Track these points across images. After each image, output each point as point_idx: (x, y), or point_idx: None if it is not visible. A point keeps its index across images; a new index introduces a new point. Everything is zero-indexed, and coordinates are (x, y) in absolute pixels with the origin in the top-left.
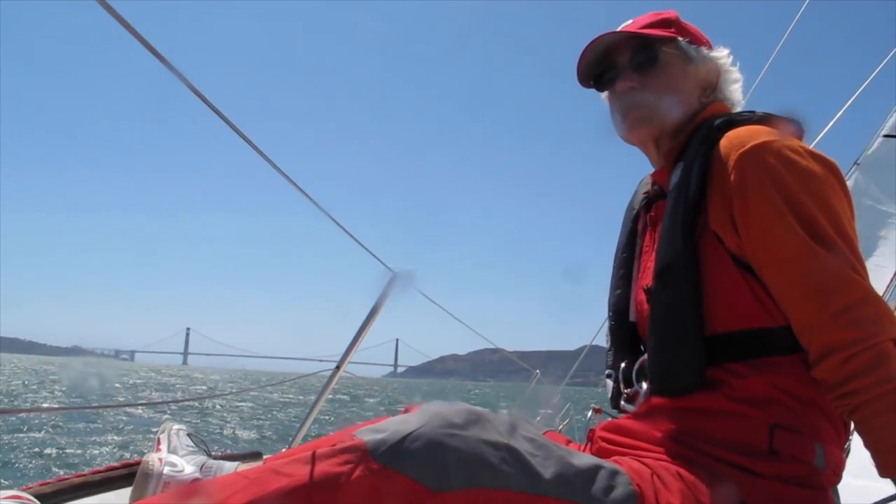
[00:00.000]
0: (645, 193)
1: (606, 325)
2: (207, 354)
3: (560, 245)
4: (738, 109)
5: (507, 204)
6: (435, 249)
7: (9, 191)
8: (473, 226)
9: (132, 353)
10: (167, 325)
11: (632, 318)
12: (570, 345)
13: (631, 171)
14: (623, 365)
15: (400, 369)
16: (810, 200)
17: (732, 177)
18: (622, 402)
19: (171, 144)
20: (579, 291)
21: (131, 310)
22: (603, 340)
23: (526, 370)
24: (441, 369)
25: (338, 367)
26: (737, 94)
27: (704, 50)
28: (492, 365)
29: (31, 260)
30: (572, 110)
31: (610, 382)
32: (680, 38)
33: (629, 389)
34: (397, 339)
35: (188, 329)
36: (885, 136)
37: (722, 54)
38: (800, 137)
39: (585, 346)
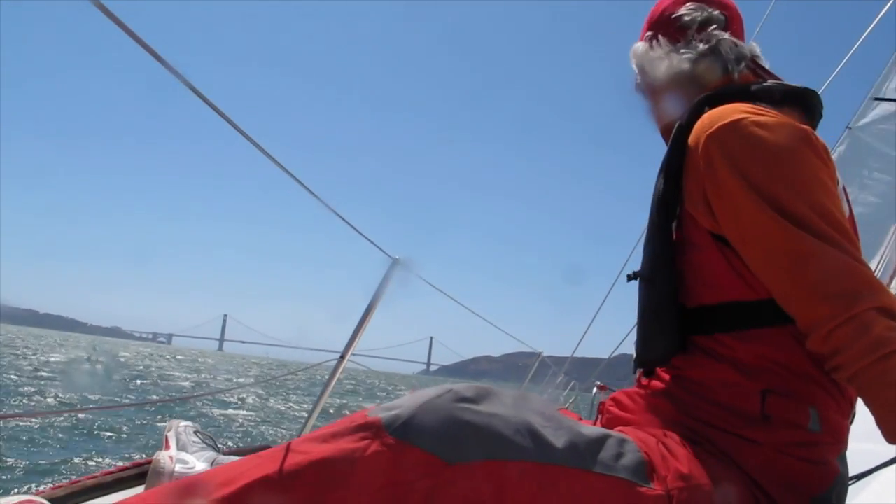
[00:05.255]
0: None
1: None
2: (242, 342)
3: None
4: (740, 65)
5: (540, 200)
6: (474, 249)
7: (54, 164)
8: (506, 225)
9: (170, 337)
10: (205, 311)
11: None
12: (606, 352)
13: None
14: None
15: (433, 368)
16: (777, 177)
17: (702, 160)
18: (638, 369)
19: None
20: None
21: (171, 294)
22: (629, 349)
23: (559, 373)
24: (474, 370)
25: (342, 357)
26: (718, 68)
27: (662, 45)
28: (526, 368)
29: (77, 240)
30: (585, 103)
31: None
32: (647, 43)
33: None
34: (431, 338)
35: (225, 316)
36: (875, 98)
37: (692, 36)
38: (798, 104)
39: (617, 354)
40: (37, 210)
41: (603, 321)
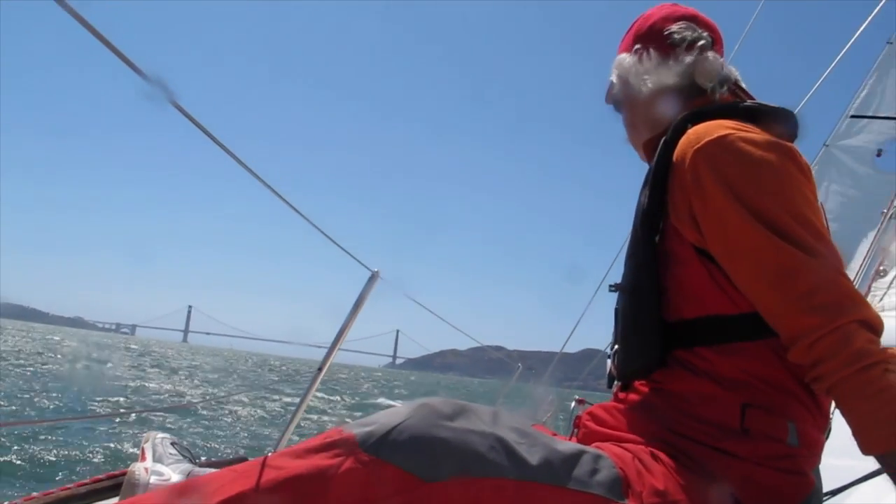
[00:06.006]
0: None
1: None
2: (207, 333)
3: (569, 244)
4: (723, 87)
5: (516, 198)
6: (442, 243)
7: (15, 154)
8: (479, 221)
9: (133, 328)
10: (169, 302)
11: None
12: (572, 347)
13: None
14: (617, 346)
15: (399, 361)
16: (764, 191)
17: (688, 175)
18: (615, 383)
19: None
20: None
21: (135, 283)
22: (602, 345)
23: (528, 369)
24: (440, 363)
25: (320, 370)
26: (708, 76)
27: (652, 59)
28: (491, 362)
29: (37, 225)
30: (573, 105)
31: (609, 362)
32: (633, 57)
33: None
34: (398, 331)
35: (190, 307)
36: (853, 116)
37: (681, 54)
38: (779, 123)
39: (586, 350)
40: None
41: (572, 321)
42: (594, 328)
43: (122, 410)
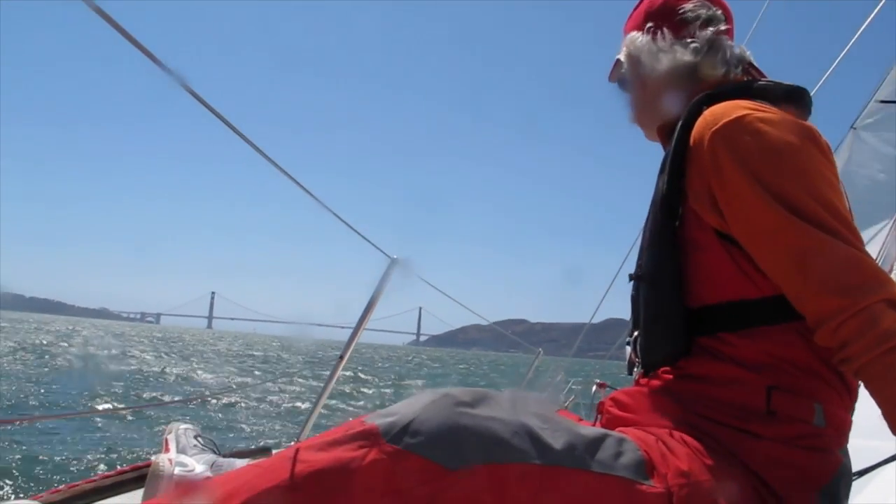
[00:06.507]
0: None
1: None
2: (231, 318)
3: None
4: (737, 67)
5: (540, 173)
6: (465, 218)
7: (37, 149)
8: (505, 197)
9: (158, 316)
10: (193, 289)
11: None
12: (595, 317)
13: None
14: (636, 333)
15: (422, 338)
16: (784, 173)
17: (707, 157)
18: (635, 370)
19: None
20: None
21: (158, 272)
22: (623, 314)
23: (551, 341)
24: (463, 339)
25: (341, 357)
26: (723, 56)
27: (667, 38)
28: (515, 335)
29: (61, 220)
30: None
31: (628, 349)
32: (646, 35)
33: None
34: (420, 308)
35: (213, 293)
36: (882, 101)
37: (695, 32)
38: (794, 102)
39: (608, 319)
40: (23, 195)
41: (594, 292)
42: (615, 297)
43: (119, 408)
